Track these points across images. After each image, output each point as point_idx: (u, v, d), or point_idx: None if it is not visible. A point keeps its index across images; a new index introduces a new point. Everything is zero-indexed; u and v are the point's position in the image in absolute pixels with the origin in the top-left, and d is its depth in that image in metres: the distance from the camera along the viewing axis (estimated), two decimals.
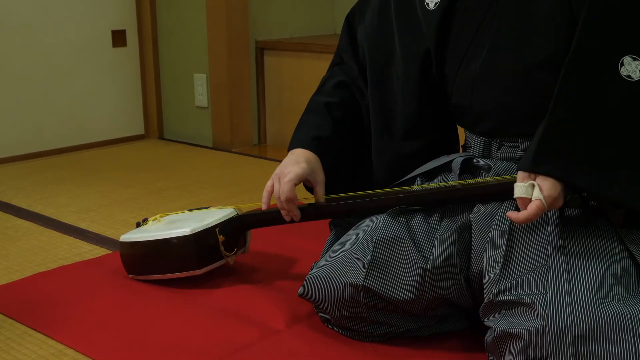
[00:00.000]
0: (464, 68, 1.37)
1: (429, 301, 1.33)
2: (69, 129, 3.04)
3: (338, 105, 1.54)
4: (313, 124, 1.54)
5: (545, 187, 1.17)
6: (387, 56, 1.49)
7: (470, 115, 1.40)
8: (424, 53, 1.43)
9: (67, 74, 3.01)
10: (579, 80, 1.18)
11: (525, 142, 1.33)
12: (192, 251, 1.59)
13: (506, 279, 1.22)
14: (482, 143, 1.40)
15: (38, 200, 2.35)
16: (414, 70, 1.45)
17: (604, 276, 1.16)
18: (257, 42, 3.10)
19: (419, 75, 1.44)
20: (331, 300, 1.38)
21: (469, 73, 1.36)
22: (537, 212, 1.18)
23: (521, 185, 1.19)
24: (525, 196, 1.18)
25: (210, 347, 1.38)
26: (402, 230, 1.34)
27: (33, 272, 1.75)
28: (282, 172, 1.46)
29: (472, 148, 1.43)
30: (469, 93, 1.37)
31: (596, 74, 1.17)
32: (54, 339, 1.43)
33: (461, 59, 1.37)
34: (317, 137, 1.51)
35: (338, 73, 1.58)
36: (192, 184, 2.54)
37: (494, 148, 1.39)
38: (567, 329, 1.11)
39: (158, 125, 3.30)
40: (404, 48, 1.46)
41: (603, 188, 1.17)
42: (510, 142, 1.36)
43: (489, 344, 1.24)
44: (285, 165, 1.47)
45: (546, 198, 1.17)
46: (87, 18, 3.04)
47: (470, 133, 1.44)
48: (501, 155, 1.38)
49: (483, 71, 1.34)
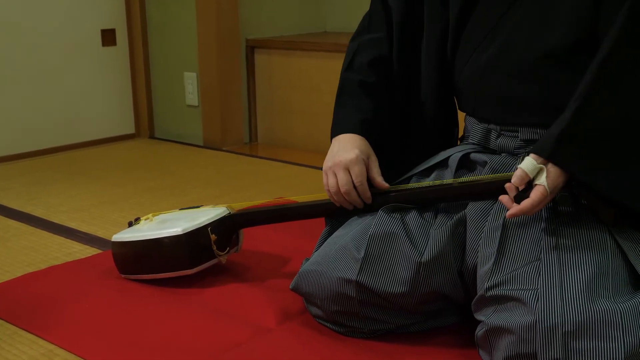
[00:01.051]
0: (480, 51, 1.38)
1: (422, 296, 1.33)
2: (59, 129, 3.03)
3: (375, 85, 1.48)
4: (354, 107, 1.47)
5: (553, 175, 1.18)
6: (414, 22, 1.48)
7: (474, 99, 1.41)
8: (445, 25, 1.43)
9: (57, 73, 3.00)
10: (605, 82, 1.19)
11: (525, 131, 1.35)
12: (184, 251, 1.59)
13: (498, 273, 1.22)
14: (481, 130, 1.41)
15: (28, 201, 2.34)
16: (435, 43, 1.44)
17: (595, 272, 1.17)
18: (248, 41, 3.09)
19: (438, 49, 1.44)
20: (323, 295, 1.38)
21: (484, 56, 1.37)
22: (541, 199, 1.19)
23: (532, 162, 1.20)
24: (528, 173, 1.19)
25: (202, 346, 1.38)
26: (396, 226, 1.35)
27: (23, 273, 1.75)
28: (339, 162, 1.40)
29: (470, 137, 1.44)
30: (478, 76, 1.38)
31: (624, 78, 1.19)
32: (45, 339, 1.43)
33: (480, 41, 1.38)
34: (362, 120, 1.44)
35: (368, 45, 1.51)
36: (183, 183, 2.53)
37: (492, 136, 1.40)
38: (557, 324, 1.12)
39: (149, 124, 3.29)
40: (430, 16, 1.45)
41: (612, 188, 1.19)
42: (509, 132, 1.37)
43: (479, 338, 1.25)
44: (340, 154, 1.41)
45: (550, 186, 1.18)
46: (77, 17, 3.02)
47: (470, 118, 1.45)
48: (500, 144, 1.38)
49: (497, 56, 1.35)
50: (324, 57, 2.90)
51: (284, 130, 3.06)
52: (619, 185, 1.19)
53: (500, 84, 1.36)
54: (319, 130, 2.91)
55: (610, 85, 1.19)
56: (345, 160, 1.39)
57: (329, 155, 1.44)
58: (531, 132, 1.35)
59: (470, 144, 1.46)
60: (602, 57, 1.20)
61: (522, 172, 1.20)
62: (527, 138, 1.35)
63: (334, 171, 1.41)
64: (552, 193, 1.20)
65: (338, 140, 1.44)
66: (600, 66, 1.19)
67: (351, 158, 1.39)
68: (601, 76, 1.19)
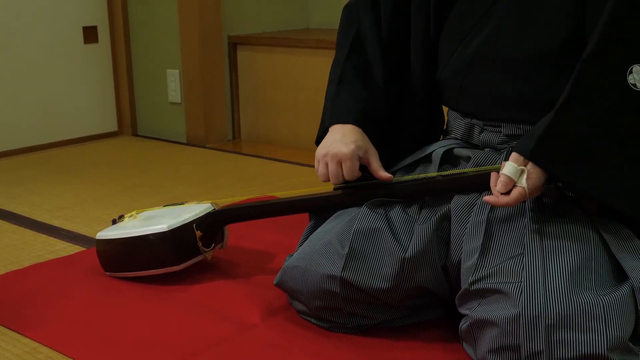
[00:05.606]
0: (464, 45, 1.38)
1: (407, 291, 1.34)
2: (42, 127, 3.01)
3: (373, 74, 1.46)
4: (349, 94, 1.43)
5: (533, 175, 1.20)
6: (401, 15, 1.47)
7: (457, 93, 1.41)
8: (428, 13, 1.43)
9: (38, 71, 2.97)
10: (588, 83, 1.20)
11: (508, 126, 1.35)
12: (169, 247, 1.59)
13: (483, 267, 1.23)
14: (464, 125, 1.42)
15: (11, 199, 2.33)
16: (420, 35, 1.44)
17: (579, 265, 1.18)
18: (230, 37, 3.09)
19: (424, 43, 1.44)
20: (307, 291, 1.38)
21: (469, 51, 1.37)
22: (518, 199, 1.20)
23: (514, 166, 1.21)
24: (512, 177, 1.20)
25: (185, 343, 1.38)
26: (380, 222, 1.35)
27: (7, 271, 1.73)
28: (334, 154, 1.37)
29: (453, 132, 1.45)
30: (463, 71, 1.39)
31: (606, 78, 1.19)
32: (28, 337, 1.42)
33: (464, 35, 1.38)
34: (361, 110, 1.42)
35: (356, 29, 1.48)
36: (167, 180, 2.52)
37: (476, 131, 1.40)
38: (540, 316, 1.13)
39: (131, 121, 3.28)
40: (416, 7, 1.45)
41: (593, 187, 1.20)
42: (492, 127, 1.38)
43: (463, 331, 1.26)
44: (335, 145, 1.38)
45: (530, 187, 1.20)
46: (58, 14, 3.00)
47: (454, 112, 1.45)
48: (483, 139, 1.39)
49: (482, 52, 1.36)
50: (307, 53, 2.90)
51: (267, 126, 3.05)
52: (601, 185, 1.20)
53: (485, 80, 1.36)
54: (302, 127, 2.91)
55: (594, 85, 1.19)
56: (340, 153, 1.37)
57: (324, 142, 1.42)
58: (515, 127, 1.35)
59: (453, 138, 1.46)
60: (585, 56, 1.20)
61: (505, 178, 1.21)
62: (510, 133, 1.36)
63: (326, 161, 1.40)
64: (532, 194, 1.21)
65: (335, 130, 1.41)
66: (584, 65, 1.20)
67: (345, 153, 1.37)
68: (584, 76, 1.20)
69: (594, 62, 1.19)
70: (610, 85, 1.19)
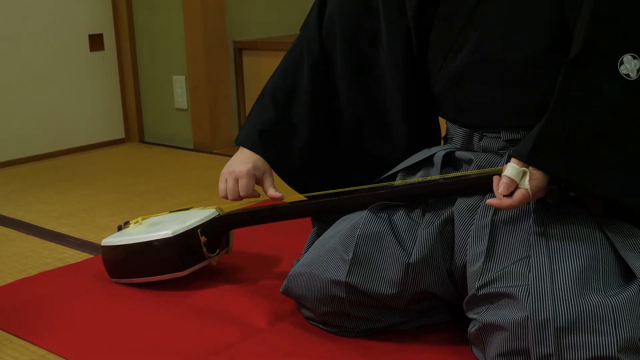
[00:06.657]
0: (450, 59, 1.37)
1: (412, 295, 1.33)
2: (49, 135, 3.02)
3: (294, 93, 1.55)
4: (259, 115, 1.54)
5: (536, 177, 1.18)
6: (371, 33, 1.48)
7: (453, 107, 1.41)
8: (407, 30, 1.43)
9: (45, 79, 2.98)
10: (579, 77, 1.18)
11: (507, 132, 1.34)
12: (174, 253, 1.59)
13: (489, 272, 1.22)
14: (463, 134, 1.41)
15: (18, 207, 2.33)
16: (399, 47, 1.44)
17: (585, 266, 1.17)
18: (235, 43, 3.09)
19: (404, 55, 1.45)
20: (314, 297, 1.38)
21: (455, 64, 1.36)
22: (522, 201, 1.19)
23: (515, 167, 1.20)
24: (514, 179, 1.19)
25: (193, 348, 1.38)
26: (384, 226, 1.35)
27: (15, 279, 1.74)
28: (232, 171, 1.50)
29: (453, 139, 1.44)
30: (453, 85, 1.38)
31: (597, 71, 1.18)
32: (37, 345, 1.42)
33: (448, 49, 1.37)
34: (262, 131, 1.52)
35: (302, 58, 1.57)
36: (173, 186, 2.53)
37: (475, 139, 1.39)
38: (549, 320, 1.12)
39: (138, 128, 3.28)
40: (389, 21, 1.45)
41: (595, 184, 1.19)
42: (492, 133, 1.37)
43: (472, 335, 1.25)
44: (234, 164, 1.51)
45: (533, 188, 1.18)
46: (64, 23, 3.02)
47: (452, 124, 1.44)
48: (483, 145, 1.38)
49: (469, 64, 1.34)
50: None
51: None
52: (604, 181, 1.18)
53: (478, 92, 1.35)
54: None
55: (584, 82, 1.18)
56: (237, 171, 1.50)
57: (229, 160, 1.54)
58: (514, 132, 1.34)
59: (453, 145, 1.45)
60: (573, 54, 1.18)
61: (507, 180, 1.20)
62: (510, 138, 1.34)
63: (225, 178, 1.52)
64: (535, 195, 1.20)
65: (241, 151, 1.53)
66: (572, 63, 1.18)
67: (242, 170, 1.49)
68: (573, 74, 1.18)
69: (582, 59, 1.17)
70: (601, 80, 1.17)
